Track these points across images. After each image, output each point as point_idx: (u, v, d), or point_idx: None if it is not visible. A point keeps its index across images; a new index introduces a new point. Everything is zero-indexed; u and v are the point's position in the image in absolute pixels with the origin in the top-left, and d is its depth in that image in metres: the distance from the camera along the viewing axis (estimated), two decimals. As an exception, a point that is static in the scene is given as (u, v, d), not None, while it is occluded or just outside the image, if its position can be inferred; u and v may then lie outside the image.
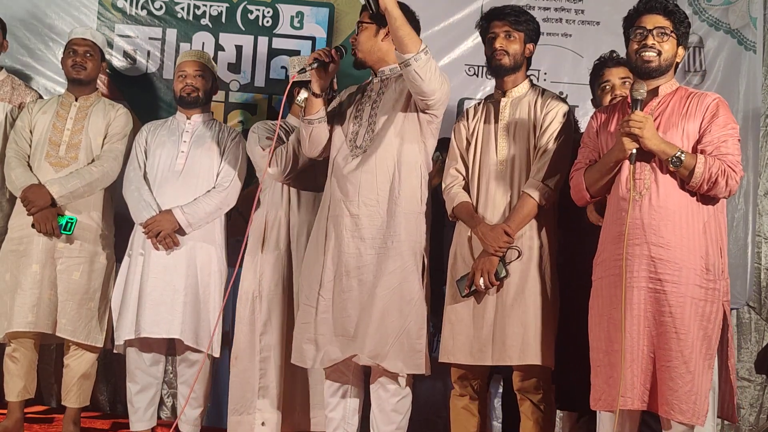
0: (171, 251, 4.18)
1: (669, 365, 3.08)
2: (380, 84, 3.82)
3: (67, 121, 4.37)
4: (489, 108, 3.79)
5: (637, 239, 3.16)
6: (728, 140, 3.16)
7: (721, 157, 3.12)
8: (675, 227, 3.14)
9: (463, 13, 5.00)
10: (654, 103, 3.28)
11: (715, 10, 5.01)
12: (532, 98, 3.72)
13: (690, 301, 3.10)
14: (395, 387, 3.68)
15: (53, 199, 4.16)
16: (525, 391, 3.63)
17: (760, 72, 5.01)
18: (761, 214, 5.02)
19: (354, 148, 3.74)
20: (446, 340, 3.65)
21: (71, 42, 4.42)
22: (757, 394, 5.02)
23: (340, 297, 3.66)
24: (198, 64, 4.36)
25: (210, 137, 4.35)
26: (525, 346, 3.50)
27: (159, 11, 4.97)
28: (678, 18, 3.27)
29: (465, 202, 3.67)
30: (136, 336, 4.13)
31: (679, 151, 3.11)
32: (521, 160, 3.64)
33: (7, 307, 4.17)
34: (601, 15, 5.02)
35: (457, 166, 3.77)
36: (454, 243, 3.76)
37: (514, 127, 3.67)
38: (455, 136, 3.83)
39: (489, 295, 3.56)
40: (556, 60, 4.96)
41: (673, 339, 3.08)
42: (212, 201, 4.23)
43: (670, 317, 3.09)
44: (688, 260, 3.12)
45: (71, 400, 4.33)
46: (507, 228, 3.52)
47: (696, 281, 3.12)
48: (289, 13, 5.01)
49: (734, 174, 3.12)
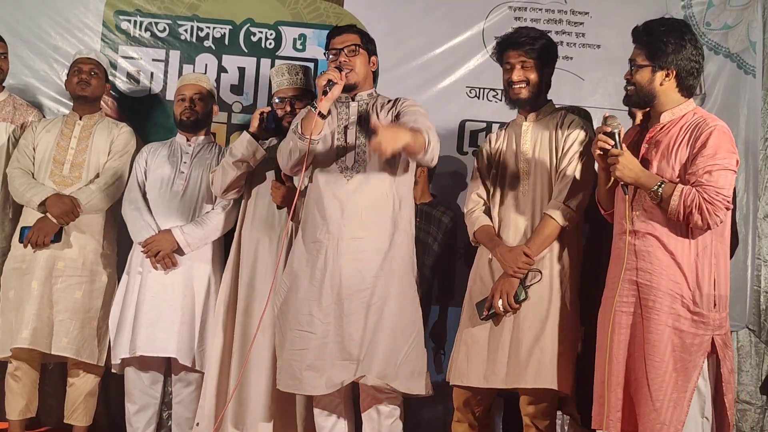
0: (169, 271, 4.20)
1: (638, 391, 3.11)
2: (357, 107, 3.82)
3: (71, 140, 4.40)
4: (511, 133, 3.79)
5: (629, 264, 3.18)
6: (713, 171, 3.07)
7: (700, 189, 3.06)
8: (664, 255, 3.14)
9: (464, 35, 5.03)
10: (655, 130, 3.28)
11: (714, 35, 5.04)
12: (553, 120, 3.72)
13: (669, 330, 3.10)
14: (388, 409, 3.71)
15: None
16: (533, 416, 3.60)
17: (759, 95, 5.01)
18: (761, 237, 5.02)
19: (345, 170, 3.73)
20: (460, 363, 3.64)
21: (76, 61, 4.47)
22: (758, 417, 5.00)
23: (342, 320, 3.63)
24: (197, 88, 4.40)
25: (209, 159, 4.39)
26: (541, 369, 3.49)
27: (162, 33, 5.01)
28: (652, 45, 3.22)
29: (486, 226, 3.68)
30: (132, 354, 4.15)
31: (658, 183, 3.10)
32: (543, 183, 3.65)
33: (11, 324, 4.19)
34: (601, 38, 5.05)
35: (479, 191, 3.78)
36: (475, 266, 3.76)
37: (535, 150, 3.68)
38: (478, 162, 3.85)
39: (506, 317, 3.55)
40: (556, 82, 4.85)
41: (643, 365, 3.10)
42: (211, 222, 4.26)
43: (647, 344, 3.11)
44: (674, 289, 3.13)
45: (78, 419, 4.36)
46: (526, 249, 3.52)
47: (679, 311, 3.12)
48: (291, 35, 5.04)
49: (711, 207, 3.05)
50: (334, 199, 3.70)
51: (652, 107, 3.30)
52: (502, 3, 5.06)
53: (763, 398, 4.93)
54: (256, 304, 4.07)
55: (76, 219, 4.22)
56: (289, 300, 3.77)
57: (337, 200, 3.70)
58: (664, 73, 3.23)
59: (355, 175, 3.71)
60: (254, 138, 4.07)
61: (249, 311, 4.09)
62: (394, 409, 3.73)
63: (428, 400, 3.75)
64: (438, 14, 5.06)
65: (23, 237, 4.23)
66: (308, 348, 3.65)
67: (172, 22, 5.01)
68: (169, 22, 5.01)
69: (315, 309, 3.66)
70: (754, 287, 4.94)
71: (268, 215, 4.13)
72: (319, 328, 3.65)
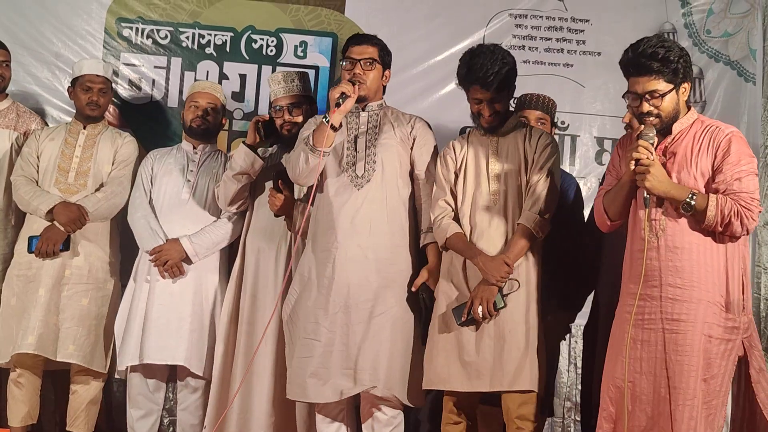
0: (177, 279, 4.21)
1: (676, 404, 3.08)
2: (367, 117, 3.85)
3: (76, 148, 4.40)
4: (477, 144, 3.78)
5: (654, 281, 3.15)
6: (742, 178, 3.08)
7: (734, 197, 3.06)
8: (693, 267, 3.12)
9: (465, 42, 5.04)
10: (668, 141, 3.23)
11: (714, 42, 5.06)
12: (521, 133, 3.74)
13: (704, 339, 3.08)
14: (387, 418, 3.74)
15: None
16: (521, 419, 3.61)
17: (759, 103, 5.04)
18: (761, 244, 5.04)
19: (355, 178, 3.76)
20: (441, 368, 3.64)
21: (85, 78, 4.41)
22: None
23: (348, 329, 3.65)
24: (212, 97, 4.41)
25: (216, 168, 4.39)
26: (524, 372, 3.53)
27: (164, 40, 5.02)
28: (669, 68, 3.11)
29: (459, 233, 3.69)
30: (140, 362, 4.16)
31: (690, 195, 3.06)
32: (513, 194, 3.67)
33: (12, 331, 4.19)
34: (602, 46, 5.07)
35: (446, 198, 3.77)
36: (445, 271, 3.74)
37: (505, 161, 3.70)
38: (441, 168, 3.82)
39: (485, 324, 3.58)
40: (557, 90, 4.98)
41: (689, 377, 3.07)
42: (219, 231, 4.27)
43: (685, 356, 3.08)
44: (706, 298, 3.10)
45: (79, 426, 4.36)
46: (507, 259, 3.55)
47: (715, 320, 3.10)
48: (292, 42, 5.06)
49: (749, 213, 3.06)
50: (344, 207, 3.73)
51: (666, 129, 3.24)
52: (503, 10, 5.09)
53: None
54: (259, 313, 4.09)
55: (83, 227, 4.23)
56: (298, 308, 3.79)
57: (347, 209, 3.72)
58: (683, 88, 3.19)
59: (365, 184, 3.75)
60: (252, 149, 4.08)
61: (251, 320, 4.10)
62: (392, 417, 3.76)
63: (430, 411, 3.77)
64: (439, 21, 5.09)
65: (32, 247, 4.23)
66: (312, 356, 3.67)
67: (173, 29, 5.02)
68: (171, 29, 5.02)
69: (321, 317, 3.68)
70: (754, 294, 4.94)
71: (268, 225, 4.14)
72: (324, 335, 3.67)
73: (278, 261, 4.12)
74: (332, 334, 3.66)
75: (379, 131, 3.83)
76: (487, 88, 3.61)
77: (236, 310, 4.18)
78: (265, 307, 4.07)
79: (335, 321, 3.66)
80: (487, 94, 3.62)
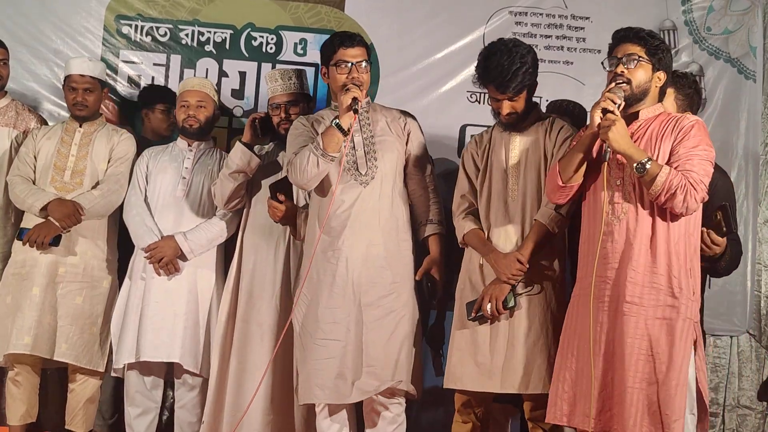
0: (172, 276, 4.20)
1: (625, 386, 3.12)
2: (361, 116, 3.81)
3: (72, 147, 4.39)
4: (498, 138, 3.78)
5: (615, 262, 3.21)
6: (693, 159, 3.14)
7: (685, 173, 3.11)
8: (646, 250, 3.17)
9: (465, 40, 5.04)
10: (634, 127, 3.28)
11: (715, 39, 5.05)
12: (542, 127, 3.72)
13: (658, 323, 3.13)
14: (393, 416, 3.74)
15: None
16: (536, 420, 3.62)
17: (759, 100, 5.04)
18: (761, 242, 5.03)
19: (358, 176, 3.75)
20: (454, 367, 3.65)
21: (71, 78, 4.38)
22: (759, 422, 5.01)
23: (364, 327, 3.65)
24: (200, 94, 4.38)
25: (211, 165, 4.38)
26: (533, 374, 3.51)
27: (163, 38, 5.01)
28: (652, 44, 3.25)
29: (476, 230, 3.69)
30: (137, 359, 4.15)
31: (647, 158, 3.10)
32: (532, 190, 3.65)
33: (7, 330, 4.17)
34: (602, 43, 4.94)
35: (467, 192, 3.78)
36: (464, 269, 3.77)
37: (525, 157, 3.68)
38: (464, 164, 3.84)
39: (500, 323, 3.57)
40: (557, 87, 4.98)
41: (638, 360, 3.13)
42: (214, 228, 4.26)
43: (636, 338, 3.13)
44: (654, 281, 3.16)
45: (77, 425, 4.35)
46: (520, 256, 3.53)
47: (665, 301, 3.15)
48: (292, 40, 5.05)
49: (694, 191, 3.09)
50: (352, 206, 3.72)
51: (635, 105, 3.29)
52: (503, 8, 5.08)
53: (763, 403, 4.93)
54: (254, 311, 4.09)
55: (78, 223, 4.22)
56: (310, 312, 3.74)
57: (355, 207, 3.71)
58: (657, 77, 3.28)
59: (370, 181, 3.75)
60: (248, 147, 4.08)
61: (246, 318, 4.10)
62: (397, 415, 3.76)
63: (429, 403, 3.76)
64: (439, 19, 5.07)
65: (22, 235, 4.21)
66: (334, 356, 3.64)
67: (173, 27, 5.01)
68: (170, 27, 5.01)
69: (339, 316, 3.66)
70: (754, 292, 4.95)
71: (266, 222, 4.13)
72: (343, 334, 3.65)
73: (276, 259, 4.13)
74: (348, 333, 3.65)
75: (374, 128, 3.84)
76: (503, 90, 3.58)
77: (234, 308, 4.17)
78: (261, 305, 4.07)
79: (351, 320, 3.65)
80: (504, 95, 3.61)
